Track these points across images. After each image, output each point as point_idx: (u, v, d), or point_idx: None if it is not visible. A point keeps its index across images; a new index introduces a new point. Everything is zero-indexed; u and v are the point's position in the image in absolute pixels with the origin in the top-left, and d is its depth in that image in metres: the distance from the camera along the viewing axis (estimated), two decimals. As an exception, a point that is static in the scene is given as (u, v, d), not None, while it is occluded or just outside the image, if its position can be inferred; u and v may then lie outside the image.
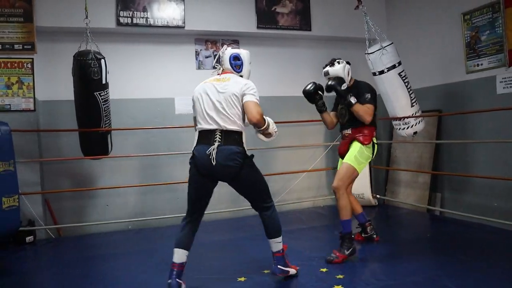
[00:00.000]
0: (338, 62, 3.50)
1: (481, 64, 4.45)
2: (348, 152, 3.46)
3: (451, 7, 4.77)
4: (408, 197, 5.32)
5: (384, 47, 4.32)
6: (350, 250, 3.27)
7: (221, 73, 2.89)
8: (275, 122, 2.88)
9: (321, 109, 3.59)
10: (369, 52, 4.44)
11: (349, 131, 3.56)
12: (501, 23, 4.18)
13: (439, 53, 4.98)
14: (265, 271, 3.06)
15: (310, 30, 5.48)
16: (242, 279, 2.95)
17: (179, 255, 2.73)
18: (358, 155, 3.40)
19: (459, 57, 4.70)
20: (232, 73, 2.88)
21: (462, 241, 3.71)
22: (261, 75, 5.50)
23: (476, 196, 4.53)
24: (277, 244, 2.89)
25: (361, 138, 3.44)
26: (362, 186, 5.34)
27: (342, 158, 3.58)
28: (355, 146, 3.44)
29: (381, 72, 4.36)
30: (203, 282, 2.94)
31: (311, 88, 3.45)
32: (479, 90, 4.47)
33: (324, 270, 3.05)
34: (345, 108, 3.53)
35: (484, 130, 4.44)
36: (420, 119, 4.47)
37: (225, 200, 4.99)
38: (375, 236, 3.79)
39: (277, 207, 5.27)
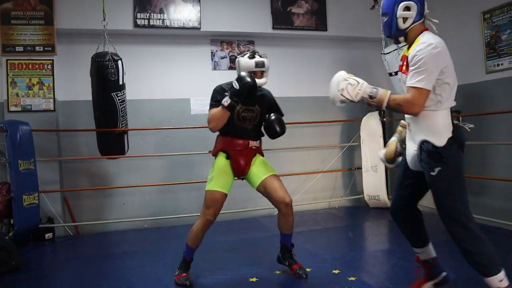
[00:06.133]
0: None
1: (502, 64, 4.35)
2: (262, 166, 2.97)
3: (470, 6, 4.68)
4: (424, 199, 5.20)
5: (401, 47, 4.25)
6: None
7: None
8: (290, 123, 2.83)
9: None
10: (385, 52, 4.41)
11: (257, 144, 3.02)
12: (522, 22, 4.09)
13: (458, 53, 4.84)
14: (277, 272, 3.06)
15: (326, 30, 5.45)
16: (254, 279, 2.96)
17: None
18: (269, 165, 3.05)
19: (478, 57, 4.60)
20: None
21: (479, 245, 3.63)
22: (277, 75, 5.50)
23: (495, 199, 4.43)
24: None
25: (261, 151, 3.10)
26: (378, 188, 5.29)
27: (240, 176, 3.00)
28: (262, 160, 3.05)
29: (397, 73, 4.31)
30: (215, 282, 2.96)
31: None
32: (499, 91, 4.37)
33: (337, 271, 3.04)
34: (256, 111, 2.95)
35: (504, 131, 4.33)
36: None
37: (238, 201, 5.02)
38: None
39: (293, 207, 5.33)
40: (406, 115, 2.29)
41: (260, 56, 2.94)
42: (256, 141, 3.00)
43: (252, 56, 2.89)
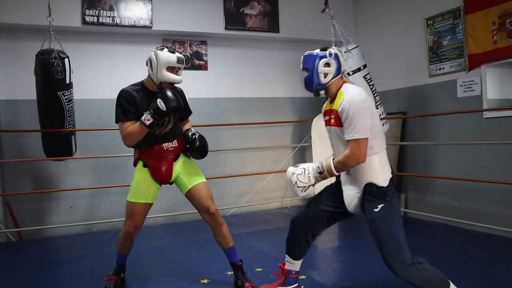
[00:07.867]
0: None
1: (443, 68, 4.59)
2: (189, 172, 2.79)
3: (415, 12, 4.90)
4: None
5: (350, 50, 4.39)
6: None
7: None
8: (243, 124, 2.78)
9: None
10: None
11: (174, 144, 2.78)
12: (461, 29, 4.32)
13: (404, 57, 5.11)
14: (228, 273, 3.06)
15: (278, 32, 5.52)
16: (205, 281, 2.96)
17: None
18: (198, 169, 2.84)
19: (422, 61, 4.83)
20: None
21: (423, 241, 3.81)
22: (229, 76, 5.53)
23: (438, 197, 4.67)
24: None
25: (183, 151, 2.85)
26: (329, 187, 5.41)
27: (164, 183, 2.82)
28: (187, 161, 2.84)
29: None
30: (165, 285, 2.92)
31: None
32: (441, 94, 4.61)
33: (287, 270, 3.08)
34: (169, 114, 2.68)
35: (445, 132, 4.58)
36: (384, 121, 4.57)
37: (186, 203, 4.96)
38: None
39: (245, 208, 5.39)
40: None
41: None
42: (172, 142, 2.75)
43: (172, 51, 2.64)
